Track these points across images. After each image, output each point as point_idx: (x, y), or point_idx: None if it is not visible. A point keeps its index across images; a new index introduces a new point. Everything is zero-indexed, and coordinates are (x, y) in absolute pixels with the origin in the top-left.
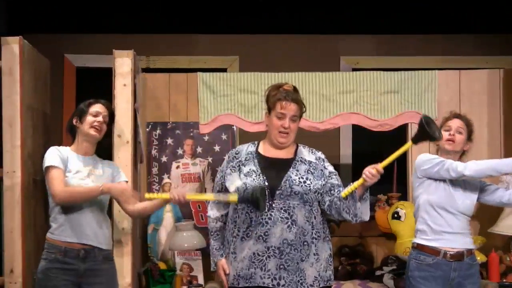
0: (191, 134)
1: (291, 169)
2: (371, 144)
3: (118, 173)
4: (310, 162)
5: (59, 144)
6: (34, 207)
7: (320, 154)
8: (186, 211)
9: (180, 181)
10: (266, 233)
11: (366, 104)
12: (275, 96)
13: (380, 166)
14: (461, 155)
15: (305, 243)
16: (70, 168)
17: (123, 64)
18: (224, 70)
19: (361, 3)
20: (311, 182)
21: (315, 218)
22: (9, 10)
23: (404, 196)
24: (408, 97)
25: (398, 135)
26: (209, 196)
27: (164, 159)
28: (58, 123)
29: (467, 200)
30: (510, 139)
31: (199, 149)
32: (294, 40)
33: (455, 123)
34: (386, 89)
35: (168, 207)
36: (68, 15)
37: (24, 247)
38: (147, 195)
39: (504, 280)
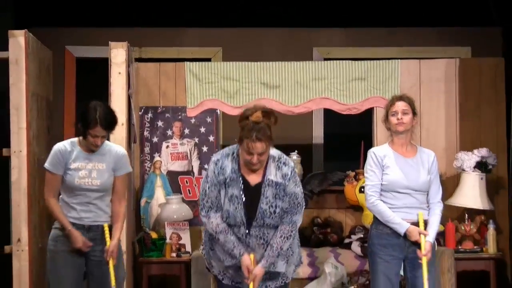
0: (179, 117)
1: (261, 197)
2: (341, 126)
3: (120, 166)
4: (276, 184)
5: (61, 129)
6: (38, 183)
7: (286, 169)
8: (175, 187)
9: (170, 159)
10: None
11: (336, 90)
12: (243, 132)
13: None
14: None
15: None
16: (72, 166)
17: (118, 54)
18: (209, 59)
19: None
20: (280, 209)
21: None
22: (16, 6)
23: None
24: (374, 84)
25: (364, 118)
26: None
27: (155, 139)
28: (60, 108)
29: (420, 179)
30: (465, 121)
31: (186, 131)
32: (272, 32)
33: (400, 106)
34: (354, 76)
35: (159, 182)
36: (69, 10)
37: (30, 219)
38: (105, 226)
39: (460, 247)
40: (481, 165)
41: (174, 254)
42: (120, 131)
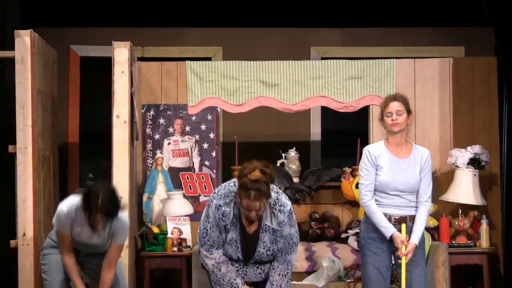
0: (181, 114)
1: (259, 241)
2: (338, 123)
3: (119, 236)
4: (273, 231)
5: (66, 126)
6: (43, 179)
7: (282, 216)
8: (176, 182)
9: (171, 156)
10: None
11: (333, 89)
12: (242, 190)
13: None
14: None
15: None
16: (76, 229)
17: (121, 53)
18: (209, 59)
19: (329, 0)
20: (277, 249)
21: None
22: (21, 6)
23: None
24: (370, 82)
25: (361, 115)
26: None
27: (157, 136)
28: (64, 105)
29: (410, 182)
30: (459, 119)
31: (187, 128)
32: (270, 32)
33: (394, 107)
34: (350, 75)
35: (160, 178)
36: (73, 10)
37: (35, 213)
38: None
39: (453, 241)
40: (474, 162)
41: (175, 249)
42: (123, 128)
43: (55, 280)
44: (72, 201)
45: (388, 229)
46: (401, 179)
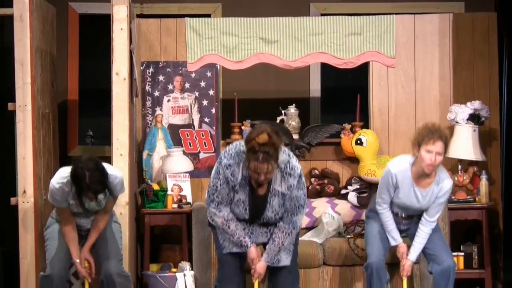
0: (180, 71)
1: (267, 205)
2: (337, 79)
3: (114, 192)
4: (282, 195)
5: (65, 83)
6: (43, 136)
7: (292, 180)
8: (176, 139)
9: (171, 113)
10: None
11: (333, 45)
12: (250, 154)
13: None
14: None
15: None
16: (71, 201)
17: (120, 10)
18: (208, 15)
19: None
20: (283, 211)
21: None
22: None
23: (366, 125)
24: (370, 39)
25: (361, 72)
26: None
27: (156, 93)
28: (63, 63)
29: (422, 208)
30: (458, 74)
31: (187, 85)
32: None
33: (438, 147)
34: (350, 31)
35: (160, 135)
36: None
37: (35, 171)
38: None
39: (453, 197)
40: (474, 118)
41: (175, 205)
42: (122, 85)
43: (54, 244)
44: (62, 175)
45: (395, 239)
46: (414, 206)
